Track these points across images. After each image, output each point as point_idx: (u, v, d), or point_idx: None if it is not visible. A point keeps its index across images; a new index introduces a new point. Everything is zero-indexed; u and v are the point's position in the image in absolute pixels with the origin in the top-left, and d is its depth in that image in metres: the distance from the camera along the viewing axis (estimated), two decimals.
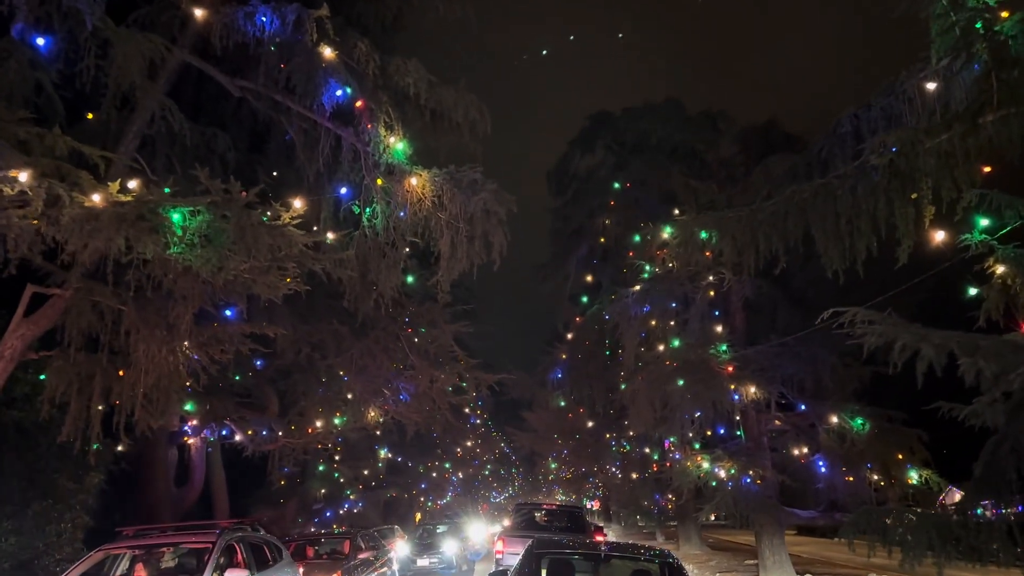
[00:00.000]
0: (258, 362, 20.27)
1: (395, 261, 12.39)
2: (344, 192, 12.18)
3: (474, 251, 11.61)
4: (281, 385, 19.93)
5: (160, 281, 9.83)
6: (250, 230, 8.20)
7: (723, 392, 18.37)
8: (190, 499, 21.14)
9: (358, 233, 12.27)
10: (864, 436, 19.04)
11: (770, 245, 10.57)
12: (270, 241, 8.38)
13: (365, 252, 12.23)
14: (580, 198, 30.52)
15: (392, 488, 36.02)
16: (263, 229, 8.29)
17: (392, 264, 12.38)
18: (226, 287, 9.40)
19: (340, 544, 14.46)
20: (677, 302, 21.54)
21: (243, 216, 8.18)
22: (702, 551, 30.49)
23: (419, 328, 17.54)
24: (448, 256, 11.77)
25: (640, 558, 8.82)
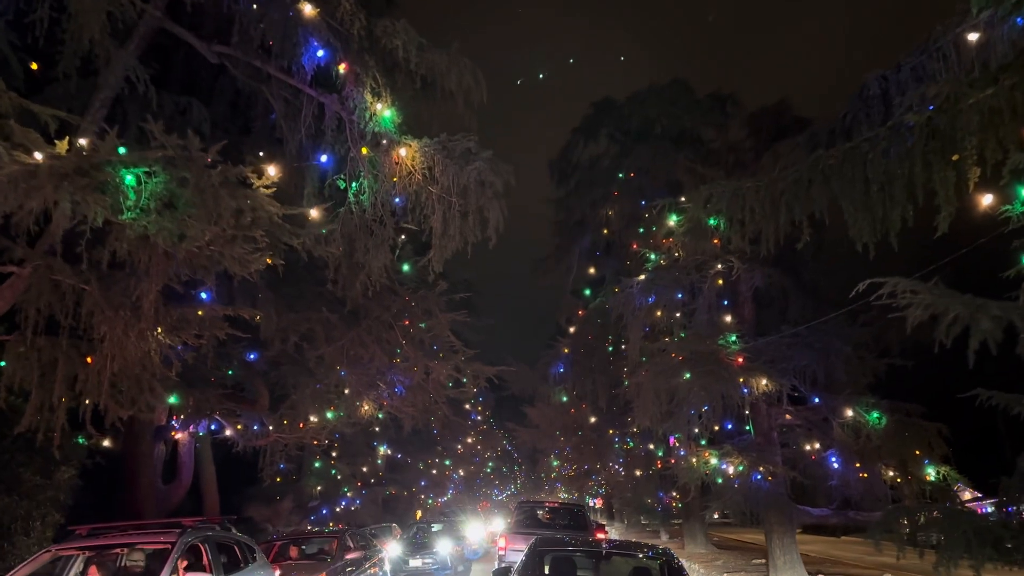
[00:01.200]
0: (252, 355, 19.36)
1: (383, 239, 11.40)
2: (325, 160, 11.17)
3: (468, 228, 10.61)
4: (271, 377, 18.95)
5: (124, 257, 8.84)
6: (211, 192, 7.22)
7: (733, 385, 17.35)
8: (178, 496, 20.18)
9: (343, 210, 11.27)
10: (880, 430, 18.02)
11: (792, 216, 9.53)
12: (233, 204, 7.39)
13: (351, 230, 11.24)
14: (583, 188, 29.53)
15: (391, 485, 35.06)
16: (225, 191, 7.31)
17: (380, 243, 11.38)
18: (191, 261, 8.41)
19: (328, 544, 13.48)
20: (683, 292, 20.52)
21: (203, 177, 7.20)
22: (708, 550, 29.47)
23: (413, 317, 16.54)
24: (440, 233, 10.77)
25: (640, 556, 8.98)
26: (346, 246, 11.24)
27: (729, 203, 10.26)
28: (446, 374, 16.96)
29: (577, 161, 29.76)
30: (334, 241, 11.04)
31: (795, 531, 19.99)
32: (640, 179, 24.95)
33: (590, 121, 28.65)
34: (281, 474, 29.05)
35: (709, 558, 26.94)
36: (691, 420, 19.86)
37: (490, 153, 10.15)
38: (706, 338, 18.24)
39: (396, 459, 36.58)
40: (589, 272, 30.20)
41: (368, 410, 19.02)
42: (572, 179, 29.86)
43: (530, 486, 73.35)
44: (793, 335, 18.44)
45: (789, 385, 17.71)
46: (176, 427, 19.60)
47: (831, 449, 19.63)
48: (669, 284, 20.52)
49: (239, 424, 19.95)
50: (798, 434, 20.45)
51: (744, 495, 18.40)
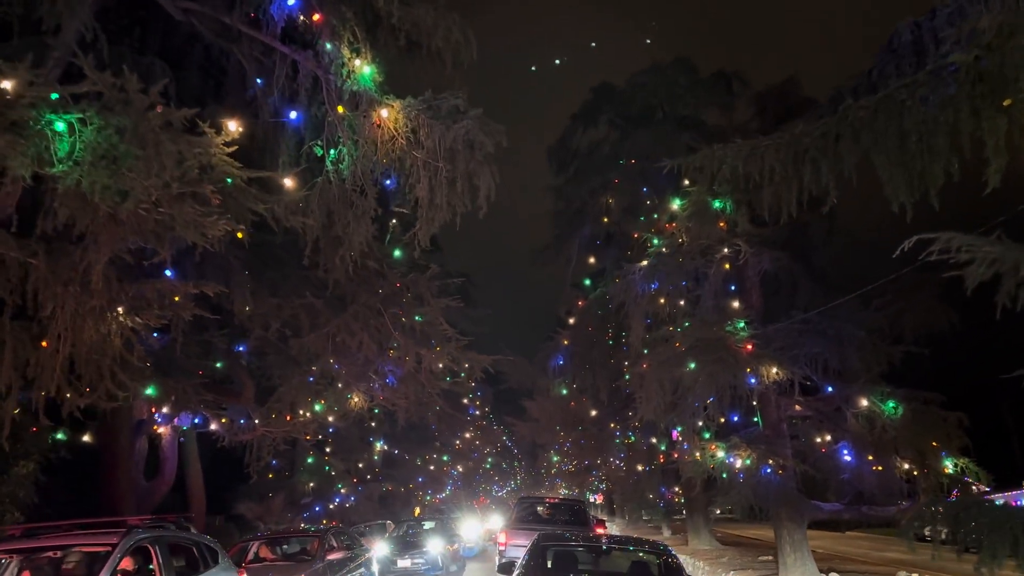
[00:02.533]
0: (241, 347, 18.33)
1: (364, 211, 10.33)
2: (295, 117, 10.08)
3: (456, 196, 9.55)
4: (256, 368, 17.91)
5: (64, 222, 7.77)
6: (151, 137, 6.17)
7: (741, 373, 16.28)
8: (160, 493, 19.13)
9: (321, 179, 10.20)
10: (897, 421, 16.93)
11: (818, 176, 8.44)
12: (174, 148, 6.32)
13: (329, 201, 10.18)
14: (582, 176, 28.44)
15: (388, 482, 34.01)
16: (166, 135, 6.25)
17: (361, 215, 10.32)
18: (140, 226, 7.36)
19: (309, 543, 12.42)
20: (688, 278, 19.46)
21: (142, 121, 6.14)
22: (712, 546, 28.41)
23: (403, 302, 15.48)
24: (427, 203, 9.70)
25: (639, 551, 9.37)
26: (324, 218, 10.18)
27: (746, 162, 9.18)
28: (439, 363, 15.88)
29: (576, 148, 28.67)
30: (312, 213, 9.96)
31: (806, 527, 18.93)
32: (641, 164, 23.85)
33: (589, 107, 27.55)
34: (273, 470, 28.04)
35: (714, 555, 25.87)
36: (696, 412, 18.80)
37: (480, 111, 9.08)
38: (713, 325, 17.17)
39: (393, 455, 35.55)
40: (589, 262, 29.12)
41: (358, 402, 17.98)
42: (571, 167, 28.77)
43: (530, 482, 72.32)
44: (804, 321, 17.36)
45: (801, 374, 16.61)
46: (158, 421, 18.55)
47: (843, 441, 18.55)
48: (673, 270, 19.46)
49: (224, 418, 18.92)
50: (808, 426, 19.39)
51: (753, 489, 17.32)
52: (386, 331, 15.43)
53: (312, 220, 9.91)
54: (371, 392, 17.64)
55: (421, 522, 20.19)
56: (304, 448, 27.55)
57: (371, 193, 10.16)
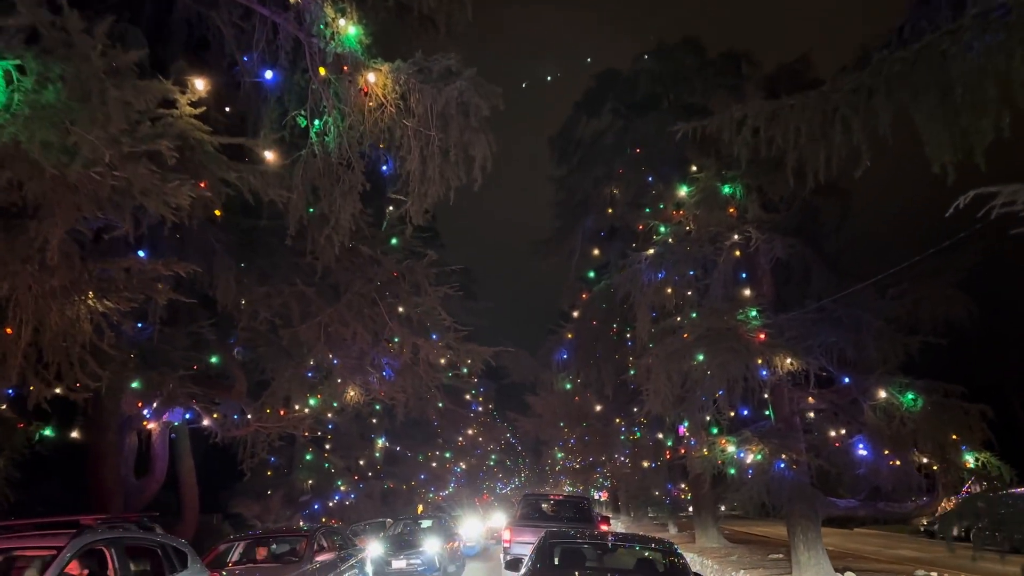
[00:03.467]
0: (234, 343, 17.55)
1: (352, 186, 9.51)
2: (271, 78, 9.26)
3: (450, 167, 8.72)
4: (247, 360, 17.10)
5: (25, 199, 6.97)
6: (95, 85, 5.36)
7: (753, 364, 15.44)
8: (151, 491, 18.34)
9: (305, 152, 9.38)
10: (916, 413, 16.07)
11: (849, 137, 7.58)
12: (121, 97, 5.51)
13: (314, 175, 9.35)
14: (585, 166, 27.59)
15: (390, 479, 33.16)
16: (112, 82, 5.44)
17: (348, 190, 9.49)
18: (96, 194, 6.53)
19: (298, 544, 11.61)
20: (696, 267, 18.61)
21: (84, 66, 5.33)
22: (720, 544, 27.54)
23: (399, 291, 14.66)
24: (418, 177, 8.87)
25: (645, 548, 9.52)
26: (309, 195, 9.36)
27: (768, 125, 8.31)
28: (437, 354, 15.05)
29: (579, 137, 27.81)
30: (295, 188, 9.14)
31: (820, 524, 18.06)
32: (647, 151, 23.00)
33: (593, 94, 26.69)
34: (272, 467, 27.27)
35: (723, 553, 25.02)
36: (705, 405, 17.97)
37: (473, 71, 8.23)
38: (723, 314, 16.31)
39: (395, 452, 34.72)
40: (593, 254, 28.24)
41: (354, 396, 17.16)
42: (574, 156, 27.90)
43: (534, 479, 71.45)
44: (819, 310, 16.50)
45: (816, 364, 15.75)
46: (147, 416, 17.75)
47: (859, 435, 17.69)
48: (680, 258, 18.62)
49: (215, 413, 18.15)
50: (822, 419, 18.52)
51: (766, 485, 16.48)
52: (381, 321, 14.63)
53: (296, 196, 9.10)
54: (367, 385, 16.82)
55: (418, 520, 19.32)
56: (303, 445, 26.78)
57: (359, 167, 9.34)
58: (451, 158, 8.55)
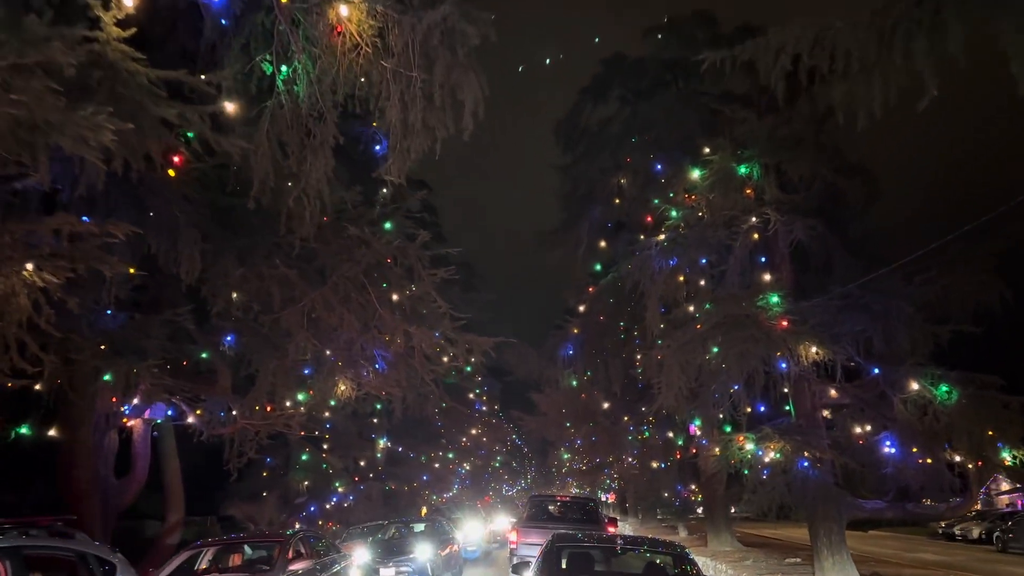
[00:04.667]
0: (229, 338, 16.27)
1: (323, 141, 8.22)
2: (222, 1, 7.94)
3: (435, 114, 7.44)
4: (231, 353, 15.80)
5: None
6: None
7: (775, 353, 14.08)
8: (131, 492, 17.05)
9: (271, 103, 8.08)
10: (951, 407, 14.68)
11: (911, 61, 6.22)
12: None
13: (281, 129, 8.06)
14: (592, 154, 26.29)
15: (391, 480, 31.82)
16: None
17: (319, 146, 8.21)
18: None
19: (272, 549, 10.30)
20: (710, 253, 17.26)
21: None
22: (733, 547, 26.14)
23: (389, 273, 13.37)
24: (400, 128, 7.57)
25: (654, 551, 9.17)
26: (276, 151, 8.08)
27: (813, 50, 6.96)
28: (431, 343, 13.73)
29: (585, 125, 26.50)
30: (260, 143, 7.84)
31: (844, 526, 16.67)
32: (656, 135, 21.69)
33: (599, 80, 25.37)
34: (267, 468, 25.98)
35: (736, 557, 23.61)
36: (721, 400, 16.62)
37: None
38: (741, 299, 14.96)
39: (397, 452, 33.41)
40: (600, 246, 26.92)
41: (345, 390, 15.86)
42: (580, 145, 26.60)
43: (541, 481, 70.02)
44: (844, 296, 15.12)
45: (843, 354, 14.36)
46: (126, 413, 16.49)
47: (886, 431, 16.30)
48: (693, 244, 17.29)
49: (199, 409, 16.87)
50: (846, 415, 17.13)
51: (788, 485, 15.12)
52: (370, 307, 13.32)
53: (260, 151, 7.81)
54: (359, 379, 15.52)
55: (410, 524, 18.01)
56: (299, 444, 25.49)
57: (331, 118, 8.06)
58: (436, 102, 7.26)
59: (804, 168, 16.36)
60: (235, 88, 8.07)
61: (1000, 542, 28.68)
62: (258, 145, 7.87)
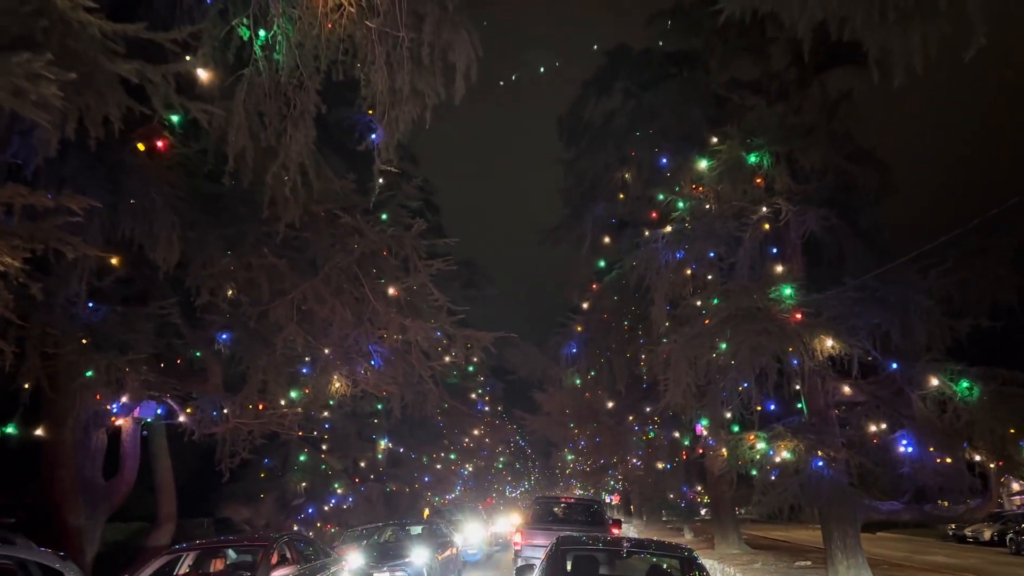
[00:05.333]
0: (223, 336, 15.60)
1: (304, 111, 7.52)
2: None
3: (425, 77, 6.74)
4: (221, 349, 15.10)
5: None
6: None
7: (789, 346, 13.34)
8: (120, 493, 16.32)
9: (249, 70, 7.40)
10: (973, 404, 13.95)
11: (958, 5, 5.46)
12: None
13: (259, 98, 7.37)
14: (595, 149, 25.52)
15: (392, 481, 31.10)
16: None
17: (299, 116, 7.51)
18: None
19: (255, 555, 9.57)
20: (719, 245, 16.52)
21: None
22: (741, 550, 25.38)
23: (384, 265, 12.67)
24: (387, 95, 6.88)
25: (661, 554, 9.02)
26: (253, 122, 7.38)
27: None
28: (427, 337, 13.02)
29: (588, 119, 25.73)
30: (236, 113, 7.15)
31: (859, 528, 15.91)
32: (662, 125, 20.93)
33: (604, 72, 24.61)
34: (265, 469, 25.30)
35: (745, 560, 22.85)
36: (728, 399, 15.88)
37: None
38: (752, 292, 14.22)
39: (398, 453, 32.69)
40: (603, 243, 26.15)
41: (340, 388, 15.16)
42: (583, 139, 25.82)
43: (544, 482, 69.21)
44: (859, 288, 14.38)
45: (860, 348, 13.61)
46: (114, 411, 15.80)
47: (902, 430, 15.56)
48: (701, 236, 16.56)
49: (190, 408, 16.18)
50: (860, 413, 16.39)
51: (801, 486, 14.36)
52: (365, 300, 12.61)
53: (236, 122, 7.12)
54: (354, 376, 14.81)
55: (407, 526, 17.27)
56: (297, 445, 24.80)
57: (312, 85, 7.36)
58: (425, 62, 6.57)
59: (816, 156, 15.65)
60: (211, 56, 7.39)
61: (1014, 544, 27.87)
62: (234, 116, 7.19)
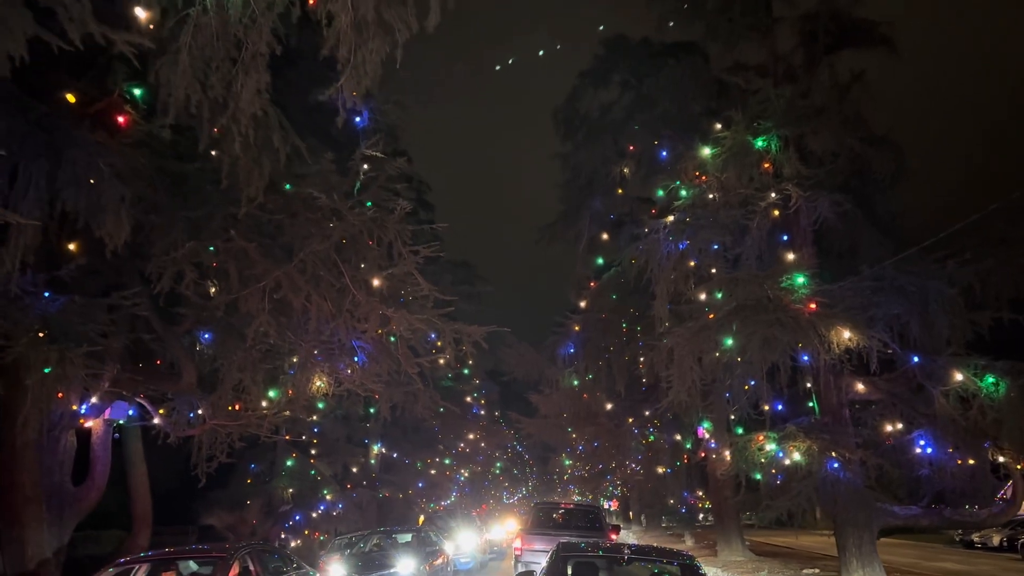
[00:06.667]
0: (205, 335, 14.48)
1: (255, 55, 6.42)
2: None
3: (394, 7, 5.65)
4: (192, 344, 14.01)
5: None
6: None
7: (806, 337, 12.21)
8: (90, 500, 15.13)
9: (195, 10, 6.31)
10: (999, 400, 12.85)
11: None
12: None
13: (206, 43, 6.29)
14: (593, 141, 24.49)
15: (385, 487, 29.90)
16: None
17: (251, 61, 6.41)
18: None
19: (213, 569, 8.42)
20: (724, 235, 15.42)
21: None
22: (746, 557, 24.23)
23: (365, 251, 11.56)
24: (350, 30, 5.78)
25: (661, 561, 8.96)
26: (198, 68, 6.29)
27: None
28: (410, 327, 11.89)
29: (586, 111, 24.70)
30: (179, 62, 6.05)
31: (876, 534, 14.77)
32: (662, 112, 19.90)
33: (601, 62, 23.59)
34: (251, 475, 24.13)
35: (750, 567, 21.73)
36: (735, 398, 14.79)
37: None
38: (764, 280, 13.11)
39: (391, 458, 31.50)
40: (602, 239, 25.07)
41: (321, 387, 14.02)
42: (580, 132, 24.76)
43: (542, 488, 67.95)
44: (876, 278, 13.29)
45: (879, 340, 12.49)
46: (83, 413, 14.66)
47: (920, 430, 14.46)
48: (706, 225, 15.47)
49: (162, 409, 15.06)
50: (874, 412, 15.30)
51: (817, 489, 13.24)
52: (344, 288, 11.51)
53: (181, 66, 6.02)
54: (336, 373, 13.68)
55: (394, 534, 16.11)
56: (285, 449, 23.64)
57: (264, 22, 6.27)
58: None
59: (828, 139, 14.60)
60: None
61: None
62: (180, 60, 6.10)
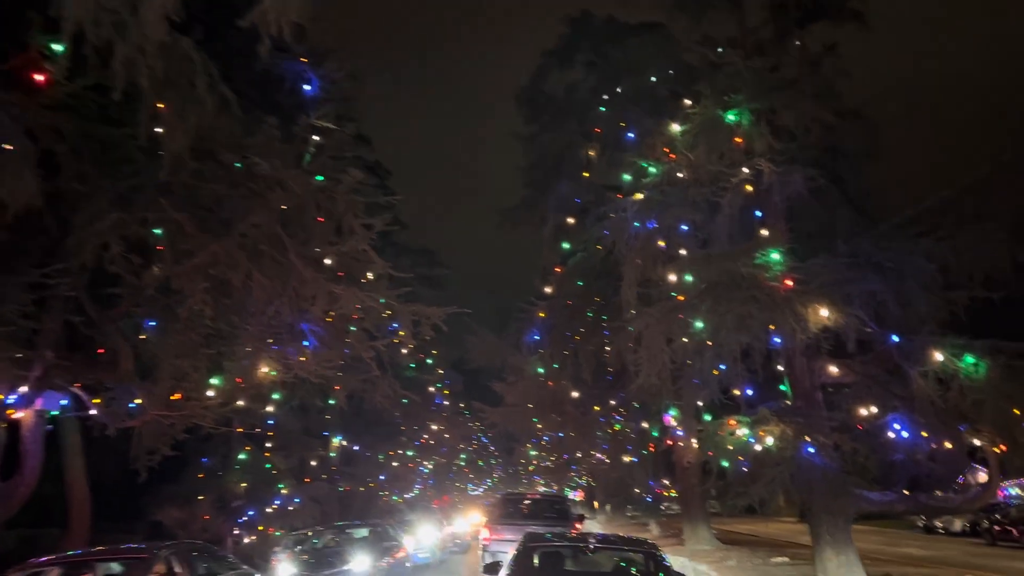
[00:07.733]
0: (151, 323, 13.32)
1: None
2: None
3: None
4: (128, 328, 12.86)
5: None
6: None
7: (782, 315, 11.50)
8: (19, 496, 13.99)
9: None
10: (980, 382, 12.26)
11: None
12: None
13: None
14: (557, 123, 23.70)
15: (345, 480, 28.83)
16: None
17: None
18: None
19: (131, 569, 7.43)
20: (695, 214, 14.71)
21: None
22: (713, 546, 23.71)
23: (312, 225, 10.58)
24: None
25: (625, 549, 9.45)
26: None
27: None
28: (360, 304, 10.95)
29: (550, 92, 23.89)
30: None
31: (851, 521, 14.19)
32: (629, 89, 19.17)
33: (566, 41, 22.78)
34: (204, 469, 22.90)
35: (717, 556, 21.15)
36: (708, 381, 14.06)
37: None
38: (737, 257, 12.38)
39: (353, 451, 30.44)
40: (567, 224, 24.22)
41: (267, 373, 13.01)
42: (545, 113, 23.96)
43: (508, 480, 67.22)
44: (852, 254, 12.64)
45: (856, 318, 11.83)
46: (11, 403, 13.45)
47: (895, 413, 13.86)
48: (675, 202, 14.72)
49: (98, 399, 13.95)
50: (848, 395, 14.69)
51: (792, 475, 12.58)
52: (289, 265, 10.51)
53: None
54: (284, 358, 12.67)
55: (348, 529, 15.18)
56: (239, 442, 22.47)
57: None
58: None
59: (801, 112, 13.95)
60: None
61: (989, 535, 26.58)
62: None
